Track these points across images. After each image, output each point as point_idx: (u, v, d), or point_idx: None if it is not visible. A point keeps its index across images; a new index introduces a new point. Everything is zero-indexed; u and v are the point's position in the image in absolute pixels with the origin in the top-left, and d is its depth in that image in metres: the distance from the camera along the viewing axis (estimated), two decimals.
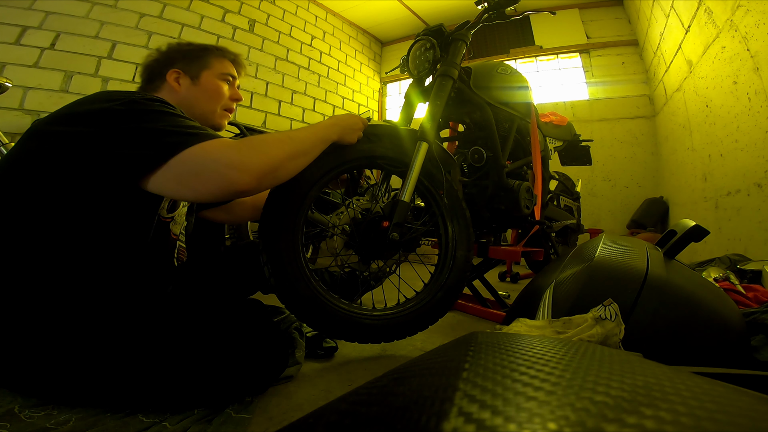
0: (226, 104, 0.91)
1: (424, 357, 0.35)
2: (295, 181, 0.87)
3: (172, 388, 0.65)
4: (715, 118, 2.20)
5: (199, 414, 0.65)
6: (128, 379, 0.63)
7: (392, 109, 5.13)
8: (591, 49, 3.93)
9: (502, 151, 1.33)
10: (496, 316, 1.39)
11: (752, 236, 1.82)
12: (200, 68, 0.87)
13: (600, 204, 3.71)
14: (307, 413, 0.29)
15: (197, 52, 0.88)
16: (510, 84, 1.43)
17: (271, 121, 3.62)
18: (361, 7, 4.39)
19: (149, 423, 0.61)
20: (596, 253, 0.82)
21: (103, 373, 0.63)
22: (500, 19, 1.27)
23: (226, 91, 0.91)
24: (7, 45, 2.21)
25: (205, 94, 0.87)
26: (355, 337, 0.91)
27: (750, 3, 1.75)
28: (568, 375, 0.23)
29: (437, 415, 0.20)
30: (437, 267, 1.10)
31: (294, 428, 0.28)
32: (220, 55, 0.90)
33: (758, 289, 1.16)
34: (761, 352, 0.71)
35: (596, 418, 0.17)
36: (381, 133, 1.00)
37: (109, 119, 0.61)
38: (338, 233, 0.98)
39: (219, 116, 0.90)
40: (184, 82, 0.86)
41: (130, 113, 0.62)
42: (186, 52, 0.88)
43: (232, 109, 0.93)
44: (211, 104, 0.88)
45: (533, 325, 0.67)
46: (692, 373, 0.25)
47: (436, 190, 1.07)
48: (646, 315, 0.67)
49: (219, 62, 0.89)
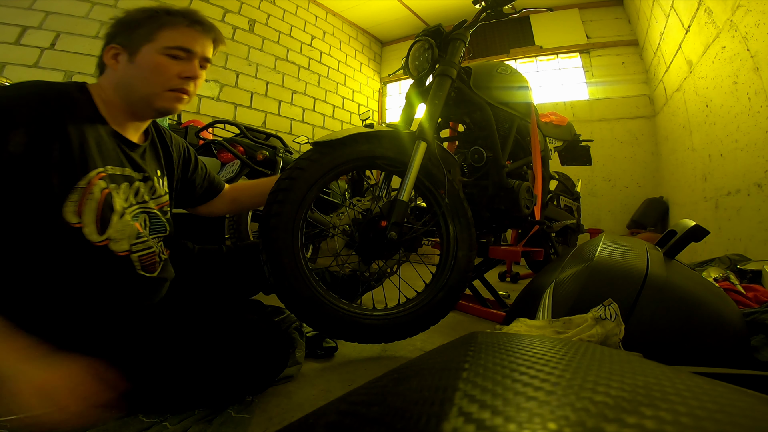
0: (172, 84, 0.73)
1: (424, 357, 0.35)
2: (295, 181, 0.87)
3: (172, 387, 0.65)
4: (715, 118, 2.21)
5: (199, 414, 0.65)
6: (128, 380, 0.63)
7: (392, 109, 5.13)
8: (591, 49, 3.93)
9: (502, 151, 1.32)
10: (496, 316, 1.39)
11: (752, 236, 1.82)
12: (140, 41, 0.71)
13: (600, 204, 3.71)
14: (307, 413, 0.29)
15: (140, 20, 0.72)
16: (510, 84, 1.43)
17: (271, 121, 3.62)
18: (361, 7, 4.39)
19: (149, 423, 0.61)
20: (596, 253, 0.82)
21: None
22: (498, 17, 1.27)
23: (172, 68, 0.72)
24: (7, 45, 2.21)
25: (141, 73, 0.71)
26: (355, 337, 0.91)
27: (750, 3, 1.75)
28: (568, 375, 0.23)
29: (437, 415, 0.20)
30: (438, 267, 1.10)
31: (294, 428, 0.28)
32: (170, 24, 0.72)
33: (758, 289, 1.16)
34: (761, 352, 0.71)
35: (596, 418, 0.17)
36: (380, 134, 1.00)
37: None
38: (339, 233, 0.98)
39: (164, 99, 0.73)
40: (122, 59, 0.71)
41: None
42: (128, 22, 0.72)
43: (184, 90, 0.74)
44: (149, 86, 0.71)
45: (533, 325, 0.67)
46: (692, 373, 0.25)
47: (436, 189, 1.07)
48: (646, 315, 0.67)
49: (167, 33, 0.71)
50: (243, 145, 2.08)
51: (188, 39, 0.73)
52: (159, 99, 0.73)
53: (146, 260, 0.75)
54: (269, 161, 2.13)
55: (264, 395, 0.74)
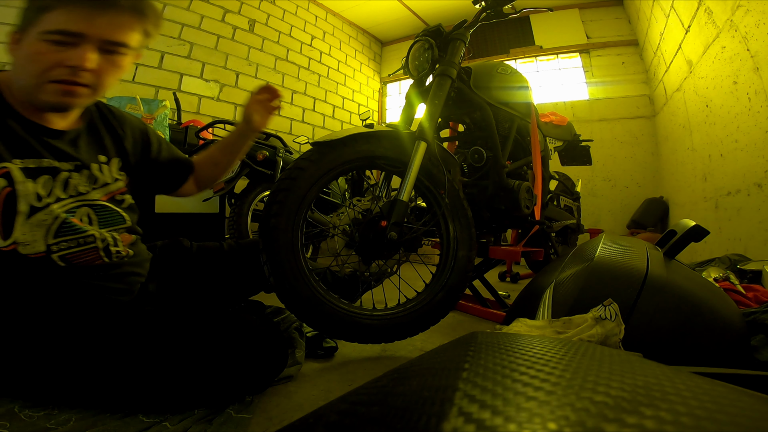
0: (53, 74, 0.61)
1: (424, 357, 0.35)
2: (295, 181, 0.87)
3: (172, 388, 0.65)
4: (715, 118, 2.20)
5: (199, 414, 0.65)
6: (126, 381, 0.63)
7: (392, 109, 5.13)
8: (591, 49, 3.93)
9: (502, 151, 1.32)
10: (496, 316, 1.39)
11: (752, 236, 1.82)
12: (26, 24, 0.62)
13: (600, 204, 3.71)
14: (307, 413, 0.29)
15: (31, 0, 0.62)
16: (510, 84, 1.43)
17: (271, 121, 3.62)
18: (361, 7, 4.38)
19: (149, 423, 0.61)
20: (596, 253, 0.82)
21: (97, 375, 0.63)
22: (498, 17, 1.27)
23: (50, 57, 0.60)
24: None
25: (20, 62, 0.63)
26: (355, 337, 0.91)
27: (750, 3, 1.75)
28: (568, 375, 0.23)
29: (437, 415, 0.20)
30: (438, 267, 1.10)
31: (294, 428, 0.28)
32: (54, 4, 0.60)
33: (758, 289, 1.16)
34: (761, 352, 0.71)
35: (596, 418, 0.17)
36: (380, 134, 1.00)
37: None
38: (339, 233, 0.98)
39: (46, 92, 0.63)
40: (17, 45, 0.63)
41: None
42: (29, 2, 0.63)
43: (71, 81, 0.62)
44: (27, 77, 0.62)
45: (533, 325, 0.67)
46: (692, 373, 0.25)
47: (437, 189, 1.07)
48: (646, 315, 0.67)
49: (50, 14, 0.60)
50: None
51: (75, 20, 0.60)
52: (40, 92, 0.63)
53: (79, 257, 0.68)
54: (269, 161, 2.13)
55: (264, 395, 0.74)
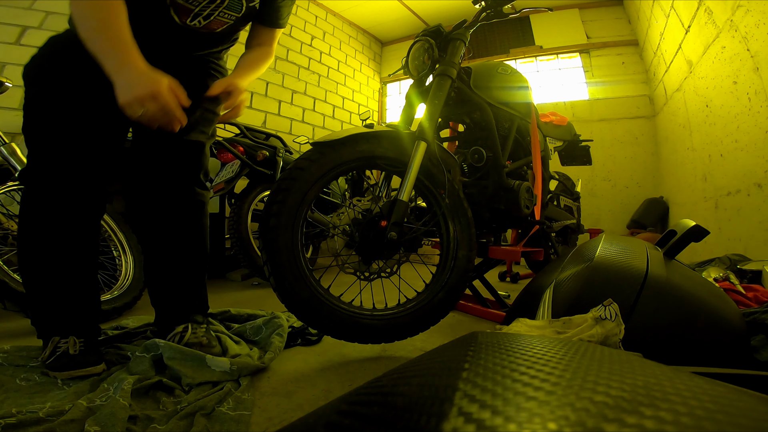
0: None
1: (424, 357, 0.35)
2: (295, 181, 0.87)
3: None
4: (715, 118, 2.20)
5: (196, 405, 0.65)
6: None
7: (392, 109, 5.13)
8: (591, 49, 3.93)
9: (502, 151, 1.32)
10: (496, 316, 1.39)
11: (752, 236, 1.82)
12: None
13: (600, 204, 3.71)
14: (307, 413, 0.29)
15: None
16: (510, 84, 1.43)
17: (271, 121, 3.62)
18: (361, 7, 4.38)
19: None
20: (596, 253, 0.82)
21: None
22: (498, 17, 1.27)
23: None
24: (7, 45, 2.21)
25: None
26: (355, 337, 0.91)
27: (750, 3, 1.75)
28: (568, 375, 0.23)
29: (437, 415, 0.20)
30: (438, 267, 1.09)
31: (294, 428, 0.28)
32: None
33: (758, 289, 1.16)
34: (761, 352, 0.71)
35: (596, 418, 0.17)
36: (380, 134, 1.00)
37: None
38: (339, 233, 0.98)
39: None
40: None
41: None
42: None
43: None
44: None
45: (533, 325, 0.67)
46: (692, 373, 0.25)
47: (437, 189, 1.07)
48: (646, 315, 0.67)
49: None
50: (243, 145, 2.08)
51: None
52: None
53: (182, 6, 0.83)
54: (269, 161, 2.13)
55: (264, 395, 0.74)
